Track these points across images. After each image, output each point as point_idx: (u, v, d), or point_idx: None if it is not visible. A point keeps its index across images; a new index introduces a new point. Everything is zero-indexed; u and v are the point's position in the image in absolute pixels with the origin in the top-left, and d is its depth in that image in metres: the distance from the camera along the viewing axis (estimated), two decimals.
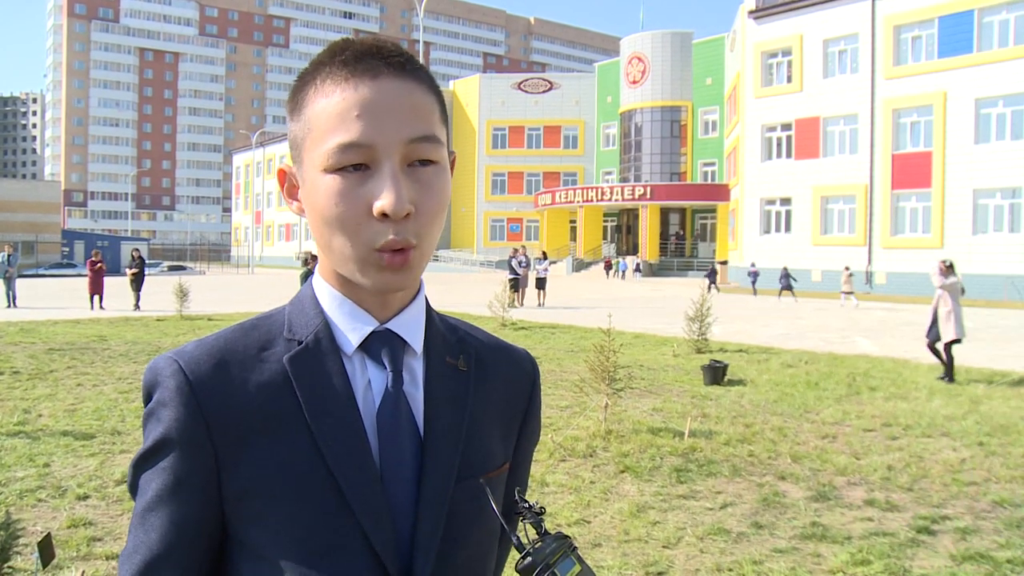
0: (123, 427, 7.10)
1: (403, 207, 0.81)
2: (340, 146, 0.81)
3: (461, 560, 0.89)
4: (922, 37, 30.57)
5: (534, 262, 25.74)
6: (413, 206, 0.82)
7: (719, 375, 9.84)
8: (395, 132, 0.82)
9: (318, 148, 0.83)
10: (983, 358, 12.50)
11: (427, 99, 0.86)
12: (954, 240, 29.27)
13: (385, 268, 0.83)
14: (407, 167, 0.84)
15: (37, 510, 4.91)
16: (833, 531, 4.73)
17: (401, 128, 0.82)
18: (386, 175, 0.81)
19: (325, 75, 0.85)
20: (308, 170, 0.85)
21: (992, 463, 6.26)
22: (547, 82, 56.91)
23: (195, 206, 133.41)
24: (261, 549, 0.84)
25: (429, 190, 0.85)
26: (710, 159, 48.95)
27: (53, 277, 42.47)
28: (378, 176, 0.82)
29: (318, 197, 0.84)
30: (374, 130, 0.81)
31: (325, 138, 0.83)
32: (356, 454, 0.85)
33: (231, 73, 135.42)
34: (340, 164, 0.82)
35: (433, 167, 0.85)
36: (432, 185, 0.85)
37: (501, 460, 0.97)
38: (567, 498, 5.34)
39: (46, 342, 13.12)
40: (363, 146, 0.81)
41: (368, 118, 0.82)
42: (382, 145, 0.82)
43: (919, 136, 30.57)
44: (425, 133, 0.84)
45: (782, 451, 6.58)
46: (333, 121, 0.82)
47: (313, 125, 0.84)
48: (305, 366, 0.87)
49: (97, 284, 20.78)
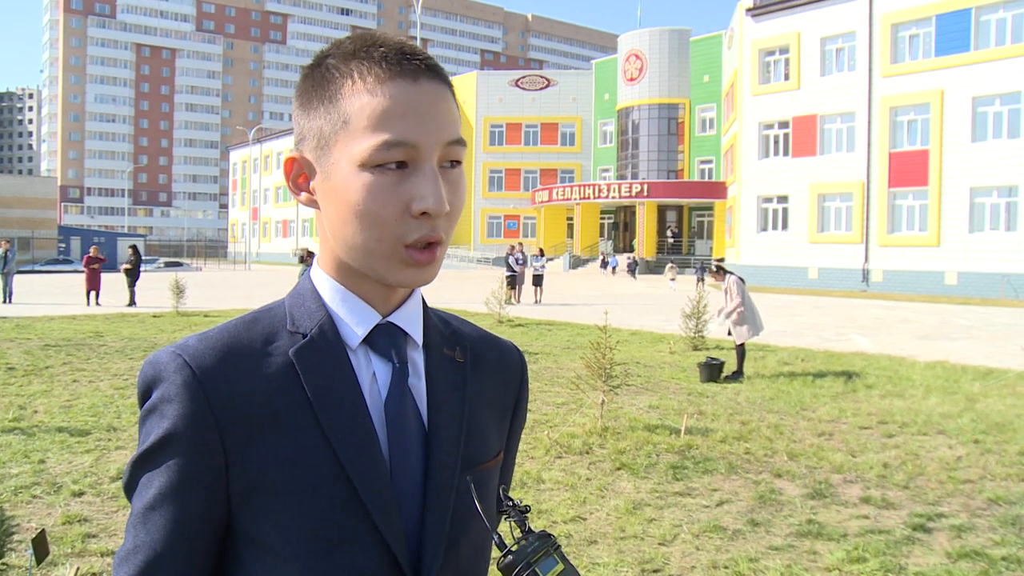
0: (119, 423, 7.09)
1: (444, 207, 0.83)
2: (385, 143, 0.82)
3: (466, 549, 0.90)
4: (919, 35, 30.57)
5: (531, 259, 25.75)
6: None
7: (715, 372, 9.84)
8: (436, 134, 0.84)
9: (357, 143, 0.83)
10: (980, 356, 12.53)
11: (454, 103, 0.89)
12: (951, 238, 29.31)
13: (412, 264, 0.85)
14: (440, 167, 0.86)
15: (32, 506, 4.90)
16: (829, 528, 4.74)
17: (441, 130, 0.85)
18: (428, 175, 0.83)
19: (364, 71, 0.85)
20: (340, 164, 0.85)
21: (988, 461, 6.27)
22: (544, 79, 56.82)
23: (192, 202, 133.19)
24: (270, 544, 0.83)
25: (457, 189, 0.87)
26: (707, 157, 48.92)
27: (49, 273, 42.38)
28: (419, 175, 0.83)
29: (351, 192, 0.84)
30: (418, 130, 0.83)
31: (367, 134, 0.83)
32: (366, 447, 0.85)
33: (228, 69, 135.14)
34: (382, 160, 0.83)
35: (459, 168, 0.88)
36: (459, 185, 0.88)
37: (496, 450, 0.98)
38: (563, 495, 5.34)
39: (42, 338, 13.09)
40: (408, 145, 0.83)
41: (413, 118, 0.83)
42: (425, 145, 0.83)
43: (916, 134, 30.58)
44: (458, 136, 0.87)
45: (778, 448, 6.59)
46: (377, 118, 0.83)
47: (352, 120, 0.84)
48: (311, 359, 0.87)
49: (94, 280, 20.76)
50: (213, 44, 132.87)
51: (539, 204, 51.95)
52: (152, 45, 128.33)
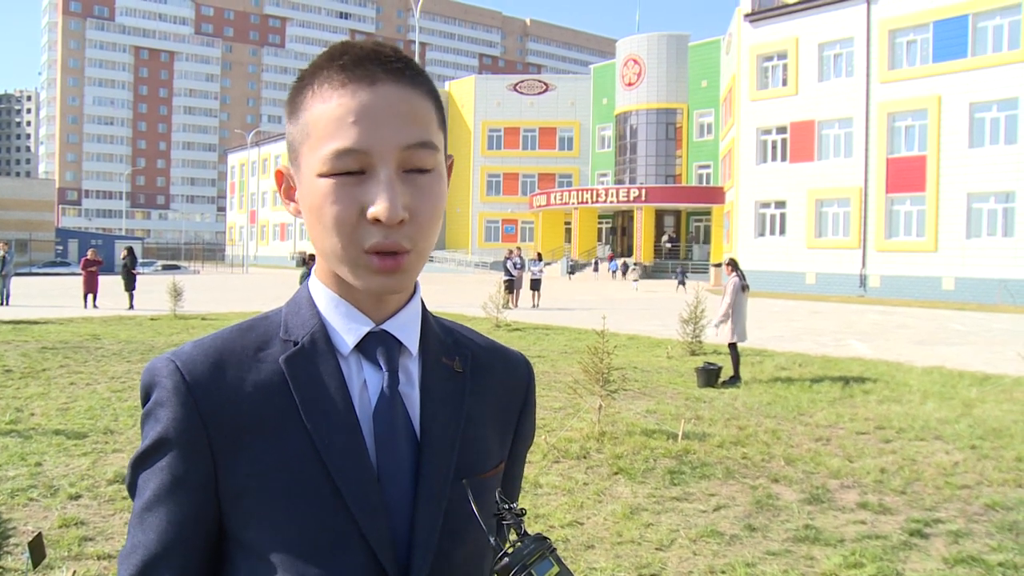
0: (116, 426, 7.07)
1: (396, 214, 0.81)
2: (336, 152, 0.82)
3: (459, 558, 0.90)
4: (917, 41, 30.65)
5: (529, 263, 25.75)
6: (408, 212, 0.83)
7: (712, 377, 9.85)
8: (391, 138, 0.83)
9: (315, 153, 0.84)
10: (977, 361, 12.54)
11: (424, 105, 0.86)
12: (948, 244, 29.35)
13: (377, 271, 0.84)
14: (403, 173, 0.84)
15: (28, 509, 4.89)
16: (826, 534, 4.74)
17: (397, 134, 0.83)
18: (381, 182, 0.82)
19: (323, 80, 0.85)
20: (305, 174, 0.86)
21: (985, 466, 6.28)
22: (543, 83, 56.89)
23: (190, 205, 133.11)
24: (259, 548, 0.84)
25: (425, 196, 0.85)
26: (705, 161, 49.00)
27: (47, 276, 42.33)
28: (373, 182, 0.82)
29: (314, 200, 0.84)
30: (369, 136, 0.82)
31: (321, 143, 0.83)
32: (352, 453, 0.85)
33: (226, 72, 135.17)
34: (336, 170, 0.82)
35: (429, 173, 0.86)
36: (428, 191, 0.85)
37: (497, 460, 0.98)
38: (560, 500, 5.34)
39: (39, 340, 13.07)
40: (358, 152, 0.82)
41: (364, 124, 0.82)
42: (377, 151, 0.82)
43: (913, 140, 30.65)
44: (421, 139, 0.84)
45: (775, 453, 6.59)
46: (330, 127, 0.83)
47: (310, 130, 0.85)
48: (301, 366, 0.87)
49: (91, 283, 20.73)
50: (212, 47, 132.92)
51: (537, 208, 51.98)
52: (150, 48, 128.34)
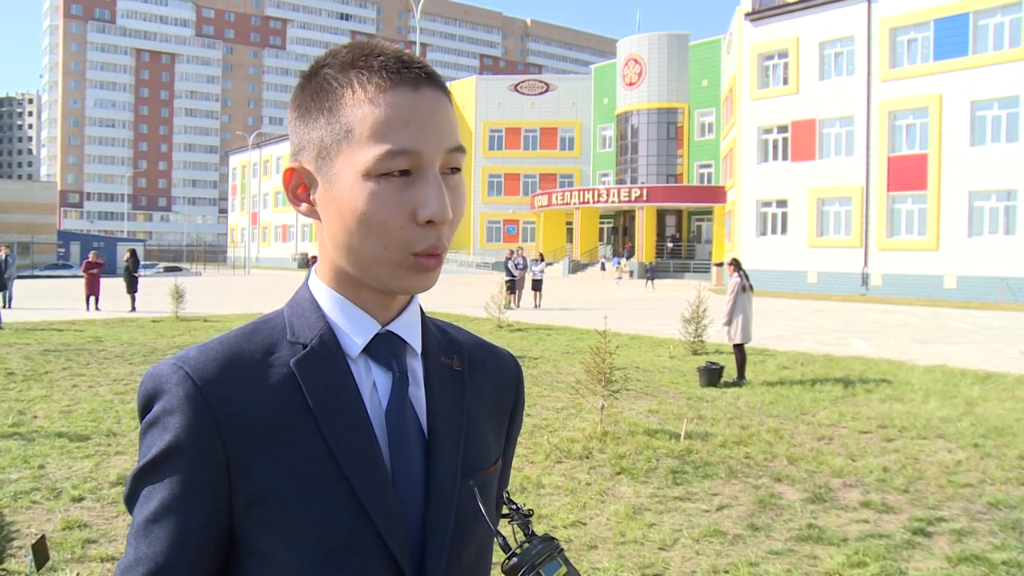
0: (119, 428, 7.08)
1: (448, 214, 0.84)
2: (389, 152, 0.82)
3: (468, 556, 0.91)
4: (918, 40, 30.62)
5: (531, 263, 25.74)
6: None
7: (715, 377, 9.84)
8: (438, 141, 0.85)
9: (360, 153, 0.84)
10: (979, 360, 12.53)
11: (452, 111, 0.89)
12: (949, 242, 29.32)
13: (418, 271, 0.85)
14: (441, 174, 0.86)
15: (31, 512, 4.90)
16: (829, 533, 4.74)
17: (442, 138, 0.85)
18: (431, 183, 0.84)
19: (364, 80, 0.85)
20: (343, 174, 0.85)
21: (987, 465, 6.27)
22: (544, 84, 56.87)
23: (191, 207, 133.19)
24: (274, 554, 0.83)
25: (458, 196, 0.88)
26: (706, 161, 48.95)
27: (49, 278, 42.37)
28: (422, 183, 0.84)
29: (356, 201, 0.84)
30: (421, 138, 0.83)
31: (370, 144, 0.83)
32: (367, 456, 0.85)
33: (227, 74, 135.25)
34: (386, 169, 0.83)
35: (459, 175, 0.88)
36: (460, 191, 0.88)
37: (495, 457, 0.99)
38: (563, 500, 5.34)
39: (41, 343, 13.09)
40: (411, 153, 0.83)
41: (415, 127, 0.83)
42: (427, 153, 0.84)
43: (915, 138, 30.62)
44: (459, 143, 0.87)
45: (778, 453, 6.59)
46: (379, 127, 0.83)
47: (355, 130, 0.84)
48: (312, 369, 0.87)
49: (93, 285, 20.76)
50: (213, 49, 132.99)
51: (538, 209, 51.95)
52: (152, 50, 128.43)
